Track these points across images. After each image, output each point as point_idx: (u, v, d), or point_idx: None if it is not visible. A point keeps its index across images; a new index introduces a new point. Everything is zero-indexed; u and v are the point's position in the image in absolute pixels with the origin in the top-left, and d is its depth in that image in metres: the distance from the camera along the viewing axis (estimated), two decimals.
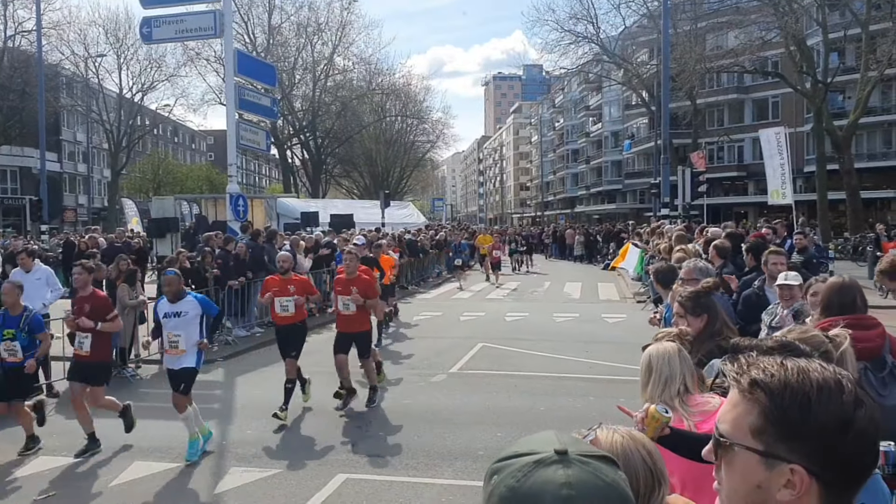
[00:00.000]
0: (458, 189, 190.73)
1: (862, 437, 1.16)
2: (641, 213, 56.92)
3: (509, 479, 1.01)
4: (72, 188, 62.14)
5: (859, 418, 1.16)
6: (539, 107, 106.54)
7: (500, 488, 1.01)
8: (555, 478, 0.99)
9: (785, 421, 1.16)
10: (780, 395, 1.18)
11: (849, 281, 3.90)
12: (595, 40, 45.44)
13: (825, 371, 1.21)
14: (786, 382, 1.19)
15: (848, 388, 1.19)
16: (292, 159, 63.11)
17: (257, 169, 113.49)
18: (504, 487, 1.00)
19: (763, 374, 1.21)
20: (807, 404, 1.15)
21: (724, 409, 1.28)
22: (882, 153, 47.26)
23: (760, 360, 1.26)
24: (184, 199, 28.17)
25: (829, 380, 1.19)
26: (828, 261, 23.07)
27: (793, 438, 1.16)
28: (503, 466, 1.04)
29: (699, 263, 5.97)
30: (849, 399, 1.17)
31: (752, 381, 1.22)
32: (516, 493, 0.99)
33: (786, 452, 1.17)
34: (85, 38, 54.75)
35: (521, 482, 0.99)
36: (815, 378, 1.19)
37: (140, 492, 6.43)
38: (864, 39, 31.77)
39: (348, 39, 57.70)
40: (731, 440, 1.22)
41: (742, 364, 1.26)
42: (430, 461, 7.05)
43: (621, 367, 10.55)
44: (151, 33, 16.61)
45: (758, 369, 1.23)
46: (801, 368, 1.21)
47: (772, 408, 1.18)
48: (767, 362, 1.24)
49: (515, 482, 1.00)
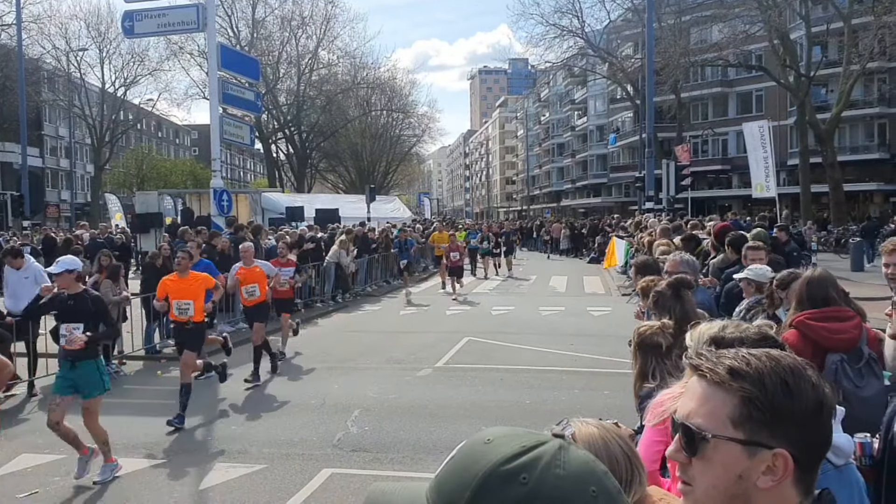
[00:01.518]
0: (445, 183, 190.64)
1: (830, 416, 1.21)
2: (627, 207, 57.13)
3: (553, 467, 0.96)
4: (54, 184, 61.62)
5: (828, 397, 1.21)
6: (525, 101, 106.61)
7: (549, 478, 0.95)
8: (586, 458, 1.00)
9: (772, 407, 1.18)
10: (764, 382, 1.19)
11: (822, 274, 3.93)
12: (580, 34, 45.54)
13: (789, 357, 1.24)
14: (764, 370, 1.20)
15: (810, 371, 1.22)
16: (277, 154, 62.85)
17: (242, 163, 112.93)
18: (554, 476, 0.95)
19: (739, 363, 1.22)
20: (787, 389, 1.17)
21: (689, 406, 1.25)
22: (864, 146, 47.65)
23: (725, 352, 1.26)
24: (168, 194, 28.06)
25: (797, 364, 1.22)
26: (810, 253, 23.38)
27: (778, 423, 1.18)
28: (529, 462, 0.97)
29: (685, 256, 6.00)
30: (817, 381, 1.21)
31: (730, 370, 1.21)
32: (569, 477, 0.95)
33: (768, 438, 1.18)
34: (66, 31, 54.35)
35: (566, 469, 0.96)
36: (786, 364, 1.22)
37: (124, 488, 6.40)
38: (847, 33, 32.01)
39: (333, 33, 57.59)
40: (711, 433, 1.21)
41: (709, 357, 1.26)
42: (416, 455, 7.06)
43: (606, 359, 10.63)
44: (133, 27, 16.45)
45: (731, 360, 1.23)
46: (769, 356, 1.23)
47: (758, 395, 1.18)
48: (735, 353, 1.25)
49: (563, 470, 0.96)
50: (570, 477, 0.95)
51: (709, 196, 53.99)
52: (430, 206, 59.18)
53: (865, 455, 2.53)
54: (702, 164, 52.10)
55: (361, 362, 11.61)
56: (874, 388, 3.40)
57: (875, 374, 3.46)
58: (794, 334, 3.61)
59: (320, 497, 6.11)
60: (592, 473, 0.98)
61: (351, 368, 11.19)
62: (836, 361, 3.45)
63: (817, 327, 3.60)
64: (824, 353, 3.49)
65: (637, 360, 3.27)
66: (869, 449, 2.55)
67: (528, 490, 0.94)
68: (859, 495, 1.89)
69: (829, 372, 3.43)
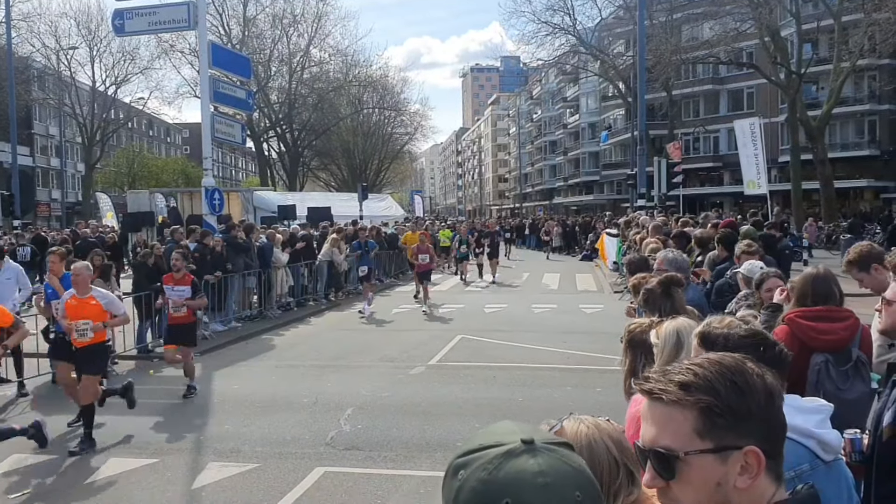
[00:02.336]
0: (437, 181, 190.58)
1: (781, 399, 1.26)
2: (619, 204, 57.23)
3: (479, 472, 0.99)
4: (45, 183, 61.31)
5: (774, 384, 1.25)
6: (517, 98, 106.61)
7: (470, 482, 0.98)
8: (527, 467, 0.98)
9: (730, 409, 1.20)
10: (715, 388, 1.21)
11: (825, 272, 3.93)
12: (572, 32, 45.59)
13: (728, 357, 1.28)
14: (711, 376, 1.22)
15: (749, 364, 1.26)
16: (269, 152, 62.66)
17: (233, 162, 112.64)
18: (475, 481, 0.98)
19: (687, 376, 1.24)
20: (738, 388, 1.20)
21: (652, 431, 1.26)
22: (855, 143, 47.84)
23: (669, 369, 1.29)
24: (159, 192, 27.96)
25: (738, 362, 1.26)
26: (802, 250, 23.48)
27: (739, 423, 1.20)
28: (470, 461, 1.01)
29: (669, 254, 6.01)
30: (760, 372, 1.25)
31: (681, 385, 1.23)
32: (490, 486, 0.97)
33: (735, 440, 1.20)
34: (56, 30, 54.04)
35: (492, 474, 0.98)
36: (728, 364, 1.25)
37: (117, 488, 6.38)
38: (837, 30, 32.10)
39: (324, 31, 57.41)
40: (682, 451, 1.22)
41: (657, 378, 1.28)
42: (409, 453, 7.06)
43: (598, 356, 10.65)
44: (124, 25, 16.37)
45: (678, 375, 1.25)
46: (711, 361, 1.26)
47: (713, 402, 1.20)
48: (680, 368, 1.28)
49: (487, 475, 0.98)
50: (491, 483, 0.97)
51: (700, 193, 54.13)
52: (422, 204, 59.09)
53: (855, 451, 2.54)
54: (693, 162, 52.24)
55: (354, 360, 11.60)
56: (858, 391, 3.38)
57: (862, 377, 3.45)
58: (784, 330, 3.61)
59: (313, 495, 6.10)
60: (517, 485, 0.97)
61: (344, 367, 11.18)
62: (819, 362, 3.44)
63: (805, 326, 3.60)
64: (810, 353, 3.49)
65: (627, 357, 3.28)
66: (859, 445, 2.56)
67: (458, 486, 0.99)
68: (848, 490, 1.90)
69: (812, 372, 3.43)
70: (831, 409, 2.00)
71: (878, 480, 2.44)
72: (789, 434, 1.86)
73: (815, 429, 1.88)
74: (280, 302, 16.73)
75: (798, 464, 1.81)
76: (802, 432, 1.87)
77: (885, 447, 2.44)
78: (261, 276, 15.61)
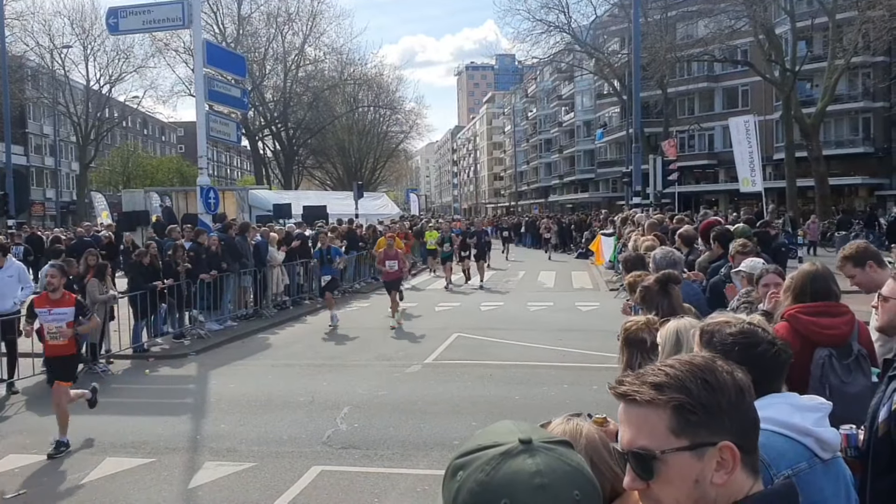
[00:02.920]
0: (433, 179, 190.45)
1: (752, 396, 1.28)
2: (614, 202, 57.27)
3: (477, 473, 0.99)
4: (39, 182, 61.11)
5: (744, 380, 1.28)
6: (512, 96, 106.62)
7: (468, 483, 0.99)
8: (524, 467, 0.99)
9: (701, 406, 1.22)
10: (686, 386, 1.23)
11: (822, 268, 3.94)
12: (567, 30, 45.53)
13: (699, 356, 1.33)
14: (682, 375, 1.25)
15: (719, 362, 1.29)
16: (264, 151, 62.55)
17: (229, 161, 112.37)
18: (473, 482, 0.99)
19: (659, 376, 1.26)
20: (709, 385, 1.23)
21: (629, 433, 1.28)
22: (849, 140, 47.94)
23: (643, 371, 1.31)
24: (154, 191, 27.86)
25: (708, 360, 1.30)
26: (797, 247, 23.54)
27: (712, 419, 1.22)
28: (468, 461, 1.02)
29: (657, 253, 6.01)
30: (730, 369, 1.28)
31: (654, 385, 1.25)
32: (487, 487, 0.98)
33: (709, 436, 1.23)
34: (50, 28, 53.87)
35: (490, 475, 0.98)
36: (699, 363, 1.28)
37: (113, 488, 6.37)
38: (831, 28, 32.18)
39: (319, 29, 57.26)
40: (659, 450, 1.23)
41: (631, 380, 1.30)
42: (405, 452, 7.06)
43: (594, 354, 10.66)
44: (118, 24, 16.31)
45: (651, 377, 1.27)
46: (682, 361, 1.29)
47: (686, 399, 1.22)
48: (652, 369, 1.30)
49: (485, 476, 0.98)
50: (488, 485, 0.98)
51: (696, 191, 54.21)
52: (417, 203, 59.04)
53: (851, 446, 2.55)
54: (688, 159, 52.25)
55: (350, 359, 11.60)
56: (860, 384, 3.40)
57: (863, 370, 3.47)
58: (785, 327, 3.62)
59: (310, 494, 6.10)
60: (514, 486, 0.98)
61: (340, 365, 11.17)
62: (823, 356, 3.45)
63: (807, 321, 3.61)
64: (813, 348, 3.50)
65: (624, 355, 3.28)
66: (854, 440, 2.56)
67: (456, 487, 1.00)
68: (846, 488, 1.90)
69: (817, 366, 3.44)
70: (829, 407, 2.00)
71: (874, 476, 2.45)
72: (787, 432, 1.86)
73: (813, 427, 1.87)
74: (276, 301, 16.71)
75: (796, 462, 1.81)
76: (800, 430, 1.86)
77: (881, 443, 2.44)
78: (256, 275, 15.58)
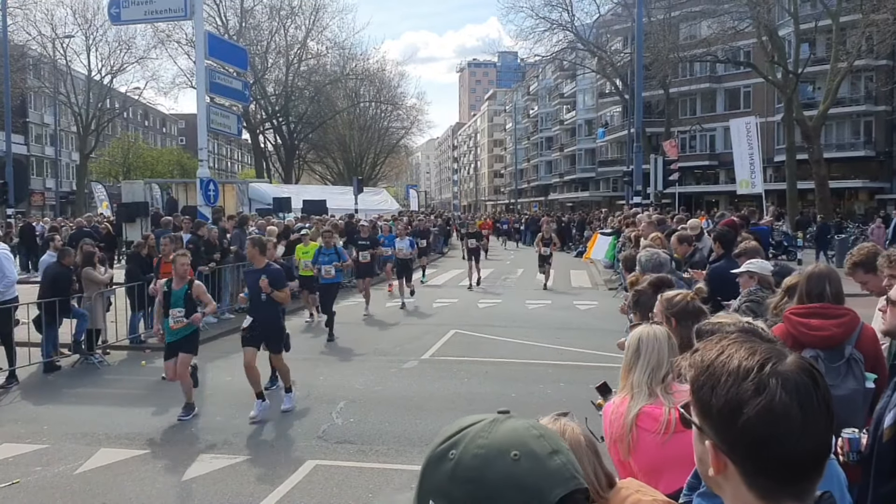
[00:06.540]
0: (433, 176, 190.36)
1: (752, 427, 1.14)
2: (614, 202, 57.27)
3: (476, 440, 1.03)
4: (39, 171, 61.07)
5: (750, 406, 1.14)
6: (513, 94, 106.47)
7: (468, 452, 1.02)
8: (518, 426, 1.05)
9: (698, 399, 1.23)
10: (699, 376, 1.24)
11: (821, 270, 3.93)
12: (569, 28, 45.46)
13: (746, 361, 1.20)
14: (708, 363, 1.24)
15: (754, 376, 1.17)
16: (265, 144, 62.47)
17: (229, 153, 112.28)
18: (475, 448, 1.02)
19: (701, 354, 1.27)
20: (713, 386, 1.20)
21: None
22: (850, 143, 47.93)
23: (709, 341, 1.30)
24: (154, 183, 27.86)
25: (743, 366, 1.18)
26: (796, 249, 23.54)
27: (702, 414, 1.22)
28: (457, 440, 1.04)
29: (643, 254, 5.99)
30: (748, 387, 1.16)
31: (691, 360, 1.28)
32: (491, 447, 1.01)
33: (706, 429, 1.22)
34: (52, 18, 53.89)
35: (490, 438, 1.02)
36: (734, 364, 1.20)
37: (106, 479, 6.36)
38: (835, 31, 32.13)
39: (322, 23, 57.19)
40: (686, 411, 1.29)
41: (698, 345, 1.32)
42: (401, 447, 7.06)
43: (591, 353, 10.66)
44: (120, 14, 16.26)
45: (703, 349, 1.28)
46: (730, 354, 1.22)
47: (694, 386, 1.25)
48: (712, 344, 1.28)
49: (484, 440, 1.02)
50: (492, 445, 1.02)
51: (696, 191, 54.21)
52: (417, 199, 59.04)
53: (853, 451, 2.54)
54: (689, 160, 52.23)
55: (347, 354, 11.59)
56: (848, 388, 3.39)
57: (854, 375, 3.46)
58: (780, 328, 3.63)
59: (305, 488, 6.09)
60: (517, 439, 1.03)
61: (336, 360, 11.17)
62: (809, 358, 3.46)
63: (797, 322, 3.62)
64: (801, 348, 3.50)
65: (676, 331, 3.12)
66: (857, 445, 2.56)
67: (453, 464, 1.02)
68: (840, 491, 1.89)
69: None
70: None
71: (877, 481, 2.44)
72: None
73: None
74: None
75: None
76: None
77: (885, 448, 2.44)
78: None
